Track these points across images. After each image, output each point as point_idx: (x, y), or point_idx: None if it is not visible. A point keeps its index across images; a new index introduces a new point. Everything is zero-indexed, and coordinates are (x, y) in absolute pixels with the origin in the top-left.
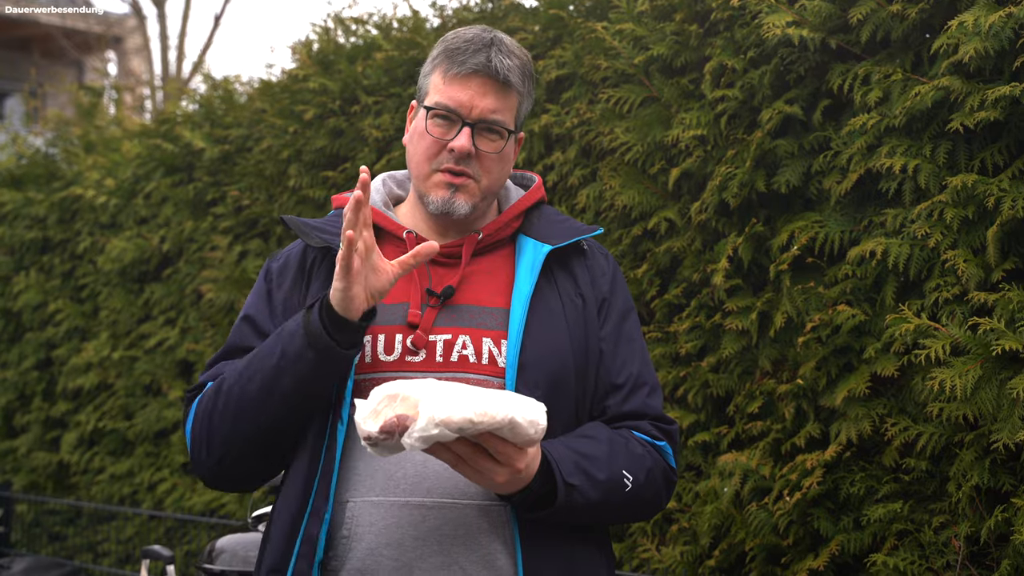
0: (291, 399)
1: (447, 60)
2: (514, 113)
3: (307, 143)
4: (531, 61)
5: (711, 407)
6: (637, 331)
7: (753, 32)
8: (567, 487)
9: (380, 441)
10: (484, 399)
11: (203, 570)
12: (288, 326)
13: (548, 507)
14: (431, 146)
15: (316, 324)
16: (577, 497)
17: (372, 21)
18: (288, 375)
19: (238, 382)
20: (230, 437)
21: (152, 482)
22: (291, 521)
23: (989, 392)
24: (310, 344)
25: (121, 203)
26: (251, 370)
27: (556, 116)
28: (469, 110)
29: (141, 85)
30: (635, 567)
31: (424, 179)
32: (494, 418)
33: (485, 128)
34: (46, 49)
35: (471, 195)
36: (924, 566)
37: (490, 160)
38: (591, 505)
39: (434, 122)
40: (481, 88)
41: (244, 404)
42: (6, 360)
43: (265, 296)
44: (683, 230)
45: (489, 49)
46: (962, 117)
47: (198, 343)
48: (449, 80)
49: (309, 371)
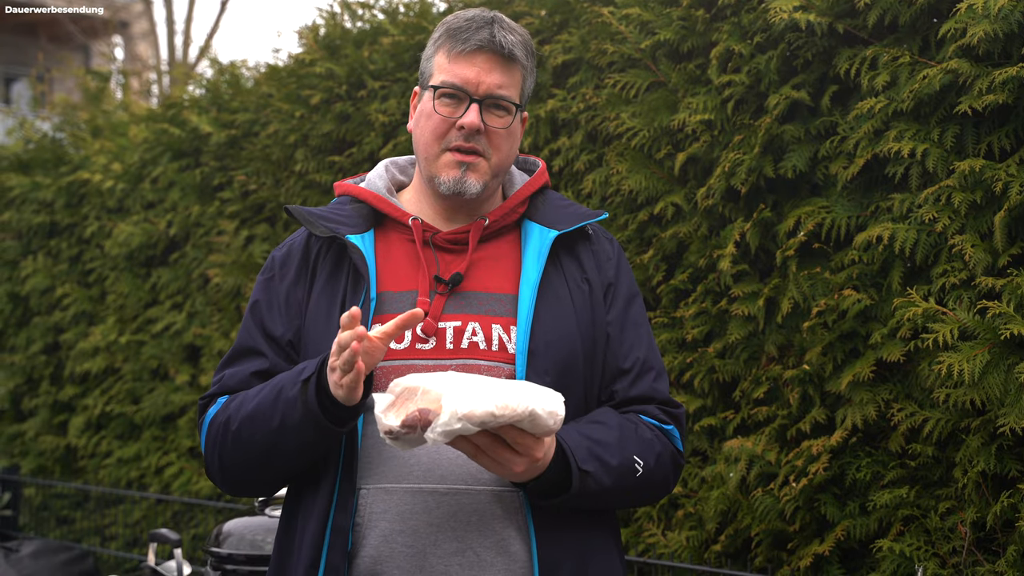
0: (296, 456)
1: (450, 39)
2: (519, 88)
3: (314, 128)
4: (531, 39)
5: (717, 392)
6: (643, 316)
7: (760, 17)
8: (581, 474)
9: (402, 435)
10: (504, 391)
11: (210, 553)
12: (286, 392)
13: (562, 494)
14: (439, 125)
15: (313, 404)
16: (591, 483)
17: (378, 6)
18: (290, 439)
19: (244, 429)
20: (241, 469)
21: (159, 466)
22: (318, 515)
23: (996, 377)
24: (309, 420)
25: (128, 187)
26: (255, 423)
27: (562, 101)
28: (476, 86)
29: (148, 70)
30: (641, 552)
31: (434, 160)
32: (515, 410)
33: (493, 104)
34: (53, 34)
35: (481, 174)
36: (930, 552)
37: (499, 136)
38: (604, 490)
39: (441, 101)
40: (487, 64)
41: (252, 451)
42: (14, 344)
43: (268, 288)
44: (689, 215)
45: (491, 26)
46: (970, 100)
47: (205, 327)
48: (454, 58)
49: (309, 440)
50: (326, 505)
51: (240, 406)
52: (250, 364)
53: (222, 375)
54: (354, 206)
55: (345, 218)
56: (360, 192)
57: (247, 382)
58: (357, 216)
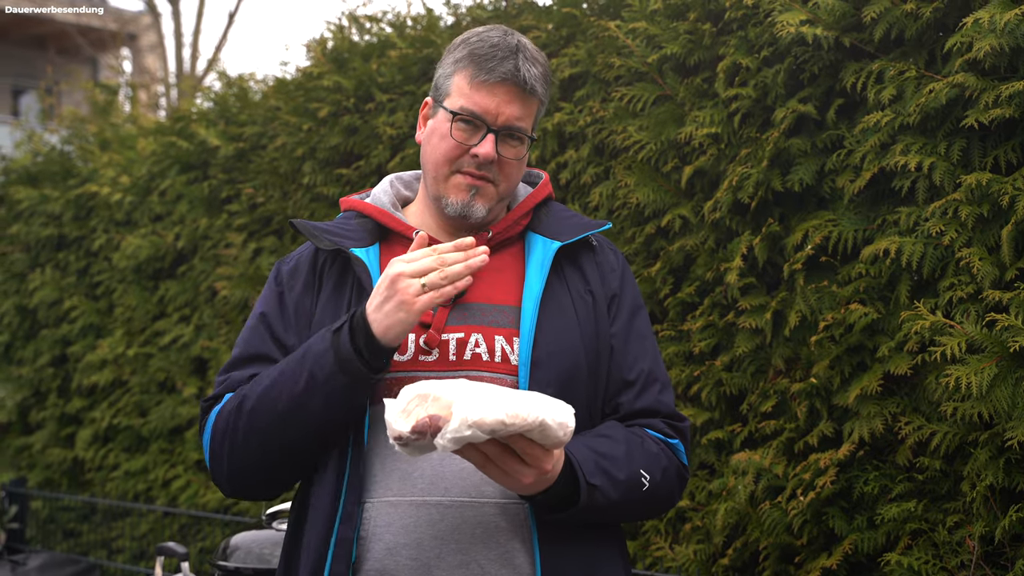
0: (318, 420)
1: (474, 65)
2: (534, 119)
3: (321, 140)
4: (549, 64)
5: (724, 405)
6: (647, 327)
7: (766, 31)
8: (589, 488)
9: (411, 441)
10: (515, 401)
11: (217, 567)
12: (314, 347)
13: (569, 507)
14: (453, 149)
15: (347, 348)
16: (599, 497)
17: (386, 19)
18: (318, 397)
19: (261, 403)
20: (251, 456)
21: (166, 479)
22: (323, 525)
23: (1004, 390)
24: (341, 368)
25: (136, 200)
26: (276, 390)
27: (569, 114)
28: (495, 117)
29: (156, 82)
30: (648, 565)
31: (443, 180)
32: (525, 420)
33: (508, 135)
34: (61, 46)
35: (489, 199)
36: (938, 566)
37: (510, 165)
38: (611, 504)
39: (458, 126)
40: (508, 96)
41: (268, 425)
42: (21, 357)
43: (277, 299)
44: (697, 228)
45: (516, 56)
46: (977, 114)
47: (212, 340)
48: (476, 86)
49: (339, 393)
50: (331, 517)
51: (257, 383)
52: (258, 368)
53: (227, 376)
54: (359, 221)
55: (350, 232)
56: (365, 207)
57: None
58: (362, 230)
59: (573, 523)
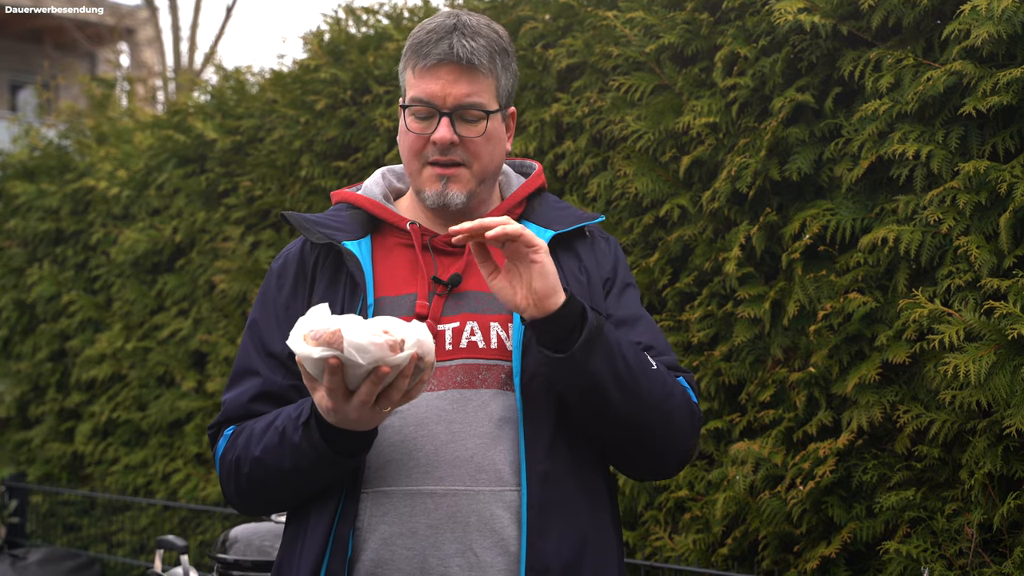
0: (315, 486)
1: (414, 54)
2: (492, 92)
3: (319, 133)
4: (503, 35)
5: (723, 395)
6: (640, 306)
7: (764, 20)
8: (597, 317)
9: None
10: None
11: (217, 560)
12: (290, 437)
13: (575, 343)
14: (415, 142)
15: (323, 448)
16: (608, 335)
17: (383, 11)
18: (308, 476)
19: (255, 472)
20: (257, 501)
21: (166, 472)
22: (321, 521)
23: (1003, 378)
24: (323, 461)
25: (134, 194)
26: (266, 469)
27: (567, 105)
28: (443, 99)
29: (153, 76)
30: (648, 555)
31: (416, 175)
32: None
33: (463, 114)
34: (59, 41)
35: (463, 183)
36: (937, 553)
37: (476, 144)
38: (622, 358)
39: (413, 118)
40: (451, 76)
41: (266, 486)
42: (20, 351)
43: (265, 305)
44: (695, 218)
45: (451, 36)
46: (975, 101)
47: (211, 334)
48: (419, 73)
49: (328, 472)
50: (330, 513)
51: (247, 446)
52: (247, 386)
53: (225, 400)
54: (351, 212)
55: (342, 225)
56: (357, 199)
57: (246, 409)
58: (354, 222)
59: (580, 380)
